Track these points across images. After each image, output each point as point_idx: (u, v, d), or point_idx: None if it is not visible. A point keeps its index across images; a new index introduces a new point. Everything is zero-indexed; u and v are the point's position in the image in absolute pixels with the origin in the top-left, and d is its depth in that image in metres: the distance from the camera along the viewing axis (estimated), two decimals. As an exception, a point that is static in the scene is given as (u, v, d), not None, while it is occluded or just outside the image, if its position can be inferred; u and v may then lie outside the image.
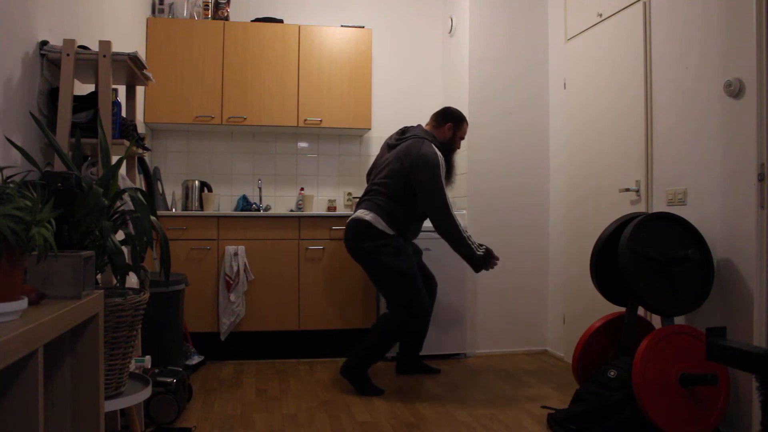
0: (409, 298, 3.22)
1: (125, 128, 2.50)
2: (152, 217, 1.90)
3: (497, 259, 3.29)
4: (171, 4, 4.31)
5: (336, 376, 3.51)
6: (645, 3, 3.15)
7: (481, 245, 3.27)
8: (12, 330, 1.03)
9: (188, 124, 4.23)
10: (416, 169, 3.22)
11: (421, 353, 3.73)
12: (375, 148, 4.60)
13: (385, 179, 3.33)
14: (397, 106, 4.73)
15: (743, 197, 2.50)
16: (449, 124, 3.44)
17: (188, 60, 4.16)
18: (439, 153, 3.27)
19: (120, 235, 1.94)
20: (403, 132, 3.46)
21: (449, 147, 3.43)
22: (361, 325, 3.99)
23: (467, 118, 4.17)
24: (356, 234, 3.32)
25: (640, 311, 2.90)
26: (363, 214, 3.30)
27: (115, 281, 1.90)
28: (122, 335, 1.82)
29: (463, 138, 3.52)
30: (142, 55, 3.27)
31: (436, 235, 3.74)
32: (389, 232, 3.26)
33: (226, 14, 4.36)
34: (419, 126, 3.47)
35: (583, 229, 3.70)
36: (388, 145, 3.50)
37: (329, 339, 4.02)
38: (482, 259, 3.24)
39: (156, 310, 2.70)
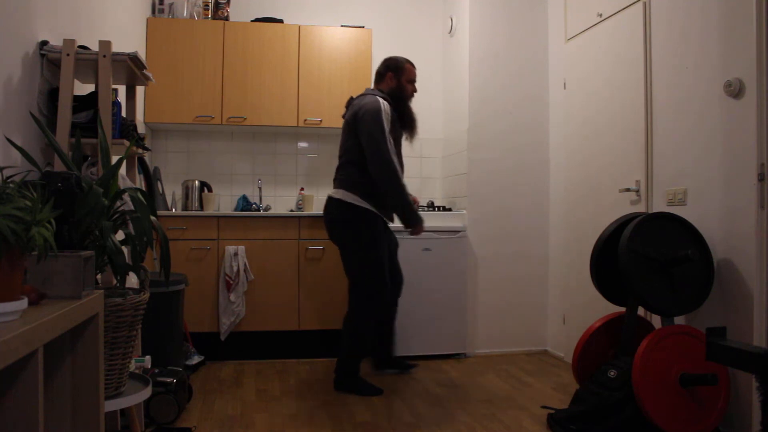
0: (370, 288, 3.22)
1: (125, 128, 2.50)
2: (152, 217, 1.90)
3: (423, 227, 3.28)
4: (171, 4, 4.31)
5: (336, 376, 3.51)
6: (645, 3, 3.15)
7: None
8: (12, 330, 1.03)
9: (188, 124, 4.23)
10: (358, 123, 3.21)
11: (422, 353, 3.73)
12: (375, 148, 4.60)
13: (341, 149, 3.35)
14: (397, 106, 4.72)
15: (743, 197, 2.50)
16: (389, 73, 3.41)
17: (188, 60, 4.16)
18: (381, 101, 3.23)
19: (120, 235, 1.94)
20: (350, 100, 3.45)
21: (399, 95, 3.37)
22: (361, 325, 3.99)
23: (467, 118, 4.20)
24: (328, 214, 3.34)
25: (640, 311, 2.90)
26: (331, 193, 3.33)
27: (115, 281, 1.90)
28: (122, 335, 1.82)
29: (411, 81, 3.43)
30: (142, 55, 3.27)
31: (436, 234, 3.75)
32: (361, 204, 3.22)
33: (226, 14, 4.36)
34: (365, 89, 3.47)
35: (583, 229, 3.70)
36: (344, 119, 3.47)
37: (329, 339, 4.02)
38: (417, 215, 3.20)
39: (156, 310, 2.70)
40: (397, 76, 3.39)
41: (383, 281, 3.23)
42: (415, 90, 3.45)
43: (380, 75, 3.43)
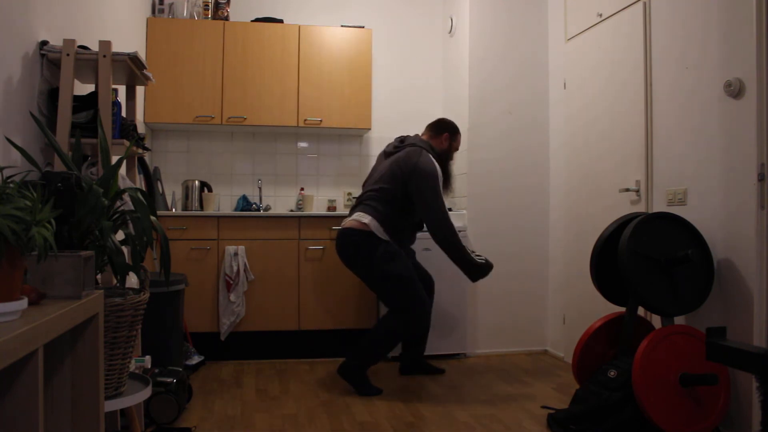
0: (409, 302, 3.21)
1: (125, 128, 2.50)
2: (152, 217, 1.90)
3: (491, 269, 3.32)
4: (171, 4, 4.31)
5: (336, 375, 3.50)
6: (645, 3, 3.15)
7: (479, 255, 3.29)
8: (12, 330, 1.03)
9: (188, 124, 4.23)
10: (415, 178, 3.23)
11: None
12: (375, 148, 4.60)
13: (382, 185, 3.32)
14: (397, 106, 4.73)
15: (743, 197, 2.50)
16: (446, 134, 3.47)
17: (188, 60, 4.16)
18: (436, 163, 3.29)
19: (120, 235, 1.94)
20: (402, 140, 3.46)
21: (446, 157, 3.47)
22: (361, 325, 3.99)
23: (467, 118, 4.20)
24: (349, 244, 3.30)
25: (640, 311, 2.90)
26: (359, 217, 3.29)
27: (115, 281, 1.90)
28: (122, 335, 1.82)
29: (457, 149, 3.57)
30: (142, 55, 3.27)
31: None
32: (383, 236, 3.25)
33: (226, 14, 4.36)
34: (416, 135, 3.48)
35: (583, 229, 3.70)
36: (385, 153, 3.51)
37: (329, 339, 4.02)
38: (481, 268, 3.24)
39: (156, 310, 2.70)
40: (450, 140, 3.48)
41: (418, 293, 3.22)
42: (453, 158, 3.56)
43: (436, 131, 3.48)
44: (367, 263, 3.27)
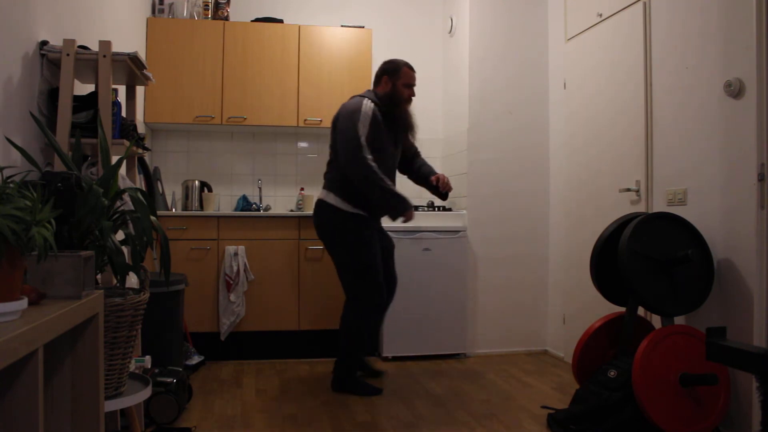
0: (364, 290, 3.20)
1: (125, 128, 2.50)
2: (152, 217, 1.90)
3: (413, 210, 3.18)
4: (171, 4, 4.31)
5: (336, 376, 3.51)
6: (645, 3, 3.16)
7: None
8: (12, 330, 1.03)
9: (188, 124, 4.23)
10: (339, 121, 3.20)
11: (421, 353, 3.72)
12: (375, 148, 4.60)
13: (329, 149, 3.34)
14: (397, 106, 4.72)
15: (743, 197, 2.50)
16: (384, 76, 3.34)
17: (188, 60, 4.16)
18: (365, 102, 3.18)
19: (120, 235, 1.94)
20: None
21: (394, 99, 3.29)
22: (361, 325, 3.99)
23: (467, 118, 4.19)
24: (317, 217, 3.31)
25: (640, 311, 2.90)
26: (319, 194, 3.32)
27: (115, 281, 1.90)
28: (122, 335, 1.82)
29: (408, 85, 3.33)
30: (142, 55, 3.27)
31: (436, 234, 3.74)
32: (346, 207, 3.19)
33: (226, 14, 4.36)
34: (364, 91, 3.40)
35: (583, 229, 3.70)
36: None
37: (329, 339, 4.02)
38: (401, 198, 3.12)
39: (156, 310, 2.70)
40: (392, 80, 3.31)
41: (377, 283, 3.21)
42: (412, 94, 3.35)
43: (377, 78, 3.40)
44: (330, 240, 3.28)
